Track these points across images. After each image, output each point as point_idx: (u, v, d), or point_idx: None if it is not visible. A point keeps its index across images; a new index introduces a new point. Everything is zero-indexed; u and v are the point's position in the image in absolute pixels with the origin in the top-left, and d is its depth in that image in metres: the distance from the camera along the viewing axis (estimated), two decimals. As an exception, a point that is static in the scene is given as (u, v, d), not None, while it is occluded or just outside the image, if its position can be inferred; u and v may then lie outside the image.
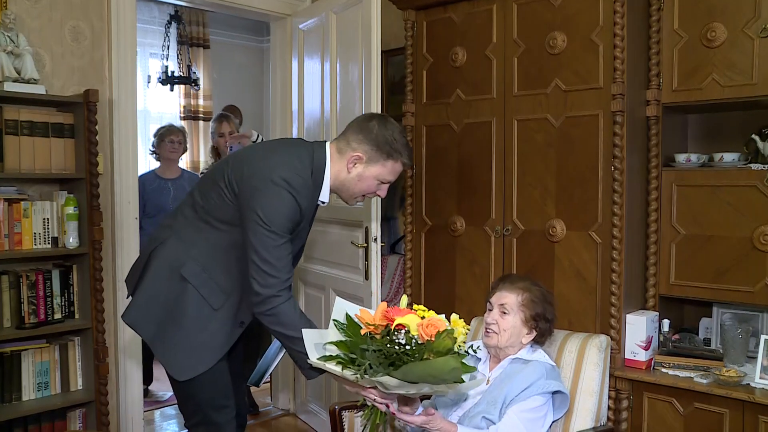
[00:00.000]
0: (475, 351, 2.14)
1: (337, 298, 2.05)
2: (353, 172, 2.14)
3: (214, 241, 2.11)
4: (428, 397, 2.38)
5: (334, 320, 1.99)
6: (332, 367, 1.94)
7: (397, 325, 1.89)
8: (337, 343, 1.95)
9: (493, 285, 2.49)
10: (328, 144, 2.17)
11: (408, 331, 1.88)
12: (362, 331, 1.93)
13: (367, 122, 2.15)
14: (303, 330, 1.99)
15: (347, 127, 2.19)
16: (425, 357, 1.85)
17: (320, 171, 2.12)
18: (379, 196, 2.23)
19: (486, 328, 2.37)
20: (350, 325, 1.96)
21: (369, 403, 2.06)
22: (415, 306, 1.95)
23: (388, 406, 1.99)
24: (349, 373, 1.90)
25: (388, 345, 1.86)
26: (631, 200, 2.62)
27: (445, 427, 2.08)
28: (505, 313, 2.34)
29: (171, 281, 2.10)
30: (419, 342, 1.86)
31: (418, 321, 1.89)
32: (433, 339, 1.86)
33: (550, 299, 2.42)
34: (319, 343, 2.01)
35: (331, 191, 2.19)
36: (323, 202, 2.19)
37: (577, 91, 2.69)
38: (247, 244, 2.01)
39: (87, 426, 3.15)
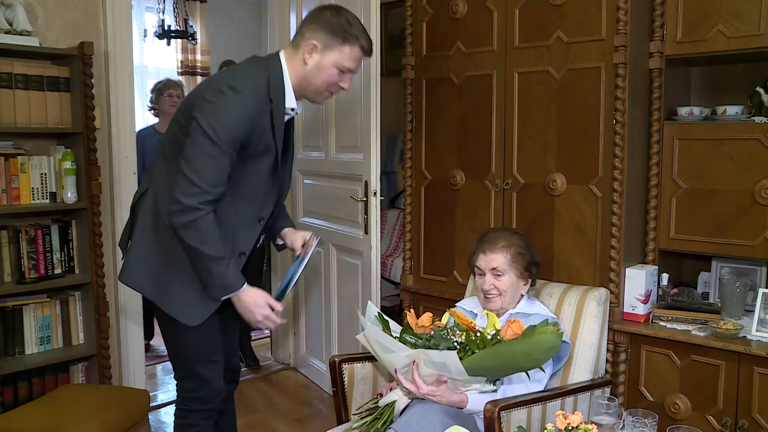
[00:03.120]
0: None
1: (367, 324, 2.15)
2: (310, 62, 2.05)
3: None
4: None
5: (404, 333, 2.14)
6: (389, 340, 2.06)
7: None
8: (402, 339, 2.10)
9: (474, 248, 2.46)
10: (282, 50, 2.11)
11: (478, 332, 2.03)
12: (423, 331, 2.11)
13: (320, 11, 2.09)
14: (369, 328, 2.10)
15: (300, 23, 2.12)
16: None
17: (278, 78, 2.04)
18: (343, 89, 2.13)
19: (485, 295, 2.37)
20: (406, 330, 2.13)
21: (384, 392, 2.19)
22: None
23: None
24: (417, 351, 2.02)
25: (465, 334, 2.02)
26: (632, 154, 2.60)
27: (454, 399, 2.06)
28: (499, 275, 2.35)
29: (158, 231, 2.06)
30: (499, 338, 1.99)
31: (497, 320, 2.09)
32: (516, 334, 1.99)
33: (530, 241, 2.46)
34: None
35: (297, 96, 2.10)
36: (293, 110, 2.10)
37: (579, 43, 2.65)
38: (182, 154, 1.93)
39: (90, 379, 3.19)
